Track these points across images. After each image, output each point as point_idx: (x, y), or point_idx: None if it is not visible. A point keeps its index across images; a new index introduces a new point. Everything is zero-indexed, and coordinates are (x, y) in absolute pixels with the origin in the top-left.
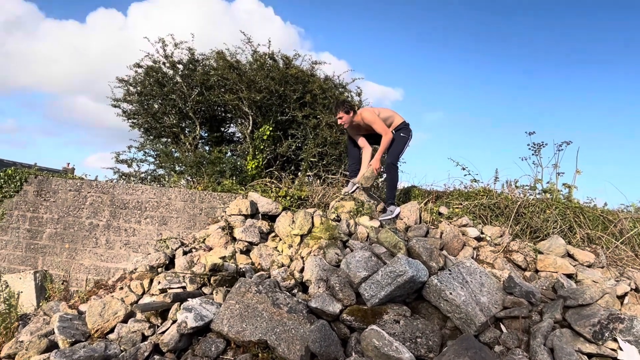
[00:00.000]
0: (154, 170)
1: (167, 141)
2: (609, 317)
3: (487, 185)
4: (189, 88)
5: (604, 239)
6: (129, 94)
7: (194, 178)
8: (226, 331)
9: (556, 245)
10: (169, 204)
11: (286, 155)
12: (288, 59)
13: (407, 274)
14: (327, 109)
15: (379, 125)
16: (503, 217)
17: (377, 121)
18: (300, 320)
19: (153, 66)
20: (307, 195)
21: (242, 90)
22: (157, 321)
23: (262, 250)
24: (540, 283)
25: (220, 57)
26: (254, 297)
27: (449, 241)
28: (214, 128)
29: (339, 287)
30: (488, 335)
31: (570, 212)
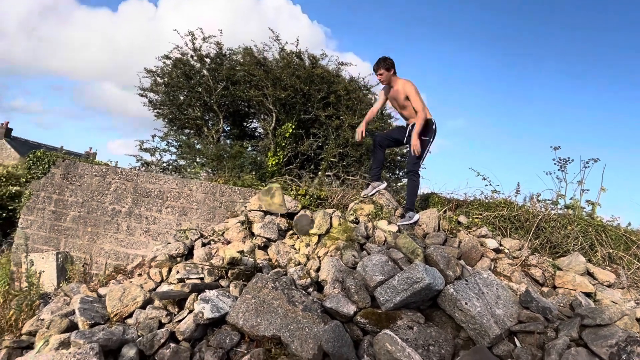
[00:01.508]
0: (175, 161)
1: (190, 133)
2: (627, 340)
3: (508, 197)
4: (215, 82)
5: (625, 259)
6: (156, 84)
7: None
8: (241, 324)
9: (576, 263)
10: (189, 195)
11: (307, 153)
12: (315, 58)
13: (424, 281)
14: (350, 110)
15: (417, 100)
16: (523, 230)
17: (417, 96)
18: (315, 319)
19: (181, 58)
20: (326, 196)
21: (267, 87)
22: (174, 309)
23: (279, 247)
24: (557, 299)
25: (247, 53)
26: (270, 293)
27: (467, 251)
28: (236, 123)
29: (355, 289)
30: (501, 348)
31: (592, 230)
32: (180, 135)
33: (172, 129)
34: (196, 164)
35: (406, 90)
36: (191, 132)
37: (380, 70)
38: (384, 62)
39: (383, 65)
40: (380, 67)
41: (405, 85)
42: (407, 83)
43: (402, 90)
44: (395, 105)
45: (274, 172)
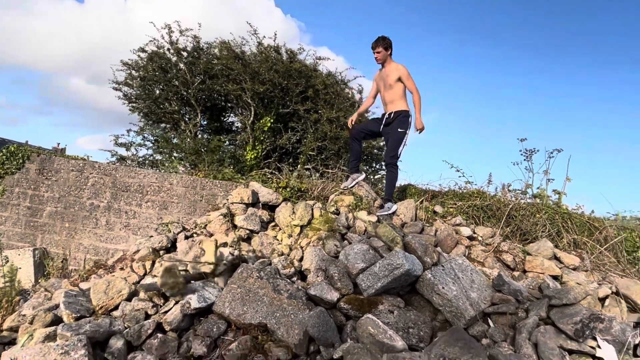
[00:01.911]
0: (151, 155)
1: (166, 127)
2: (590, 317)
3: (481, 188)
4: (192, 75)
5: (589, 245)
6: (132, 77)
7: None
8: (227, 313)
9: (544, 248)
10: (170, 189)
11: (285, 147)
12: (292, 52)
13: (403, 267)
14: (328, 104)
15: (411, 81)
16: (495, 219)
17: (411, 78)
18: (300, 306)
19: (157, 52)
20: (307, 188)
21: (245, 81)
22: (159, 301)
23: (262, 239)
24: (527, 282)
25: (225, 47)
26: (256, 282)
27: (442, 239)
28: (214, 117)
29: (338, 276)
30: (476, 328)
31: (558, 218)
32: (156, 129)
33: (148, 123)
34: (174, 159)
35: (400, 71)
36: (168, 127)
37: (378, 48)
38: (382, 41)
39: (382, 43)
40: (379, 45)
41: (399, 67)
42: (400, 65)
43: (395, 71)
44: (382, 86)
45: (253, 166)
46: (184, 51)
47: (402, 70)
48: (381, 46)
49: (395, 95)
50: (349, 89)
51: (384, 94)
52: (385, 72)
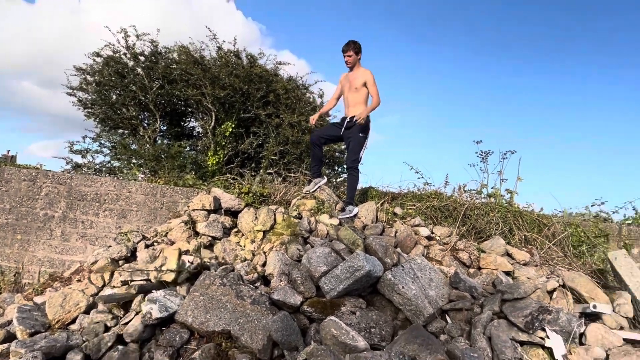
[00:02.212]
0: (109, 162)
1: (124, 133)
2: (539, 309)
3: (438, 189)
4: (150, 80)
5: (538, 241)
6: (86, 82)
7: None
8: (190, 322)
9: (497, 245)
10: (129, 197)
11: (247, 152)
12: (253, 57)
13: (364, 268)
14: (289, 109)
15: (375, 87)
16: (451, 219)
17: (375, 85)
18: (263, 311)
19: (113, 56)
20: (269, 193)
21: (205, 86)
22: (119, 312)
23: (225, 245)
24: (482, 279)
25: (183, 52)
26: (218, 289)
27: (402, 239)
28: (174, 122)
29: (301, 280)
30: (435, 325)
31: (510, 216)
32: (114, 135)
33: (105, 129)
34: (132, 165)
35: (366, 77)
36: (126, 132)
37: (349, 51)
38: (354, 45)
39: (353, 47)
40: (350, 49)
41: (367, 73)
42: (368, 71)
43: (363, 76)
44: (347, 88)
45: (215, 172)
46: (141, 56)
47: (369, 77)
48: (352, 50)
49: (358, 99)
50: (310, 94)
51: (347, 95)
52: (352, 76)
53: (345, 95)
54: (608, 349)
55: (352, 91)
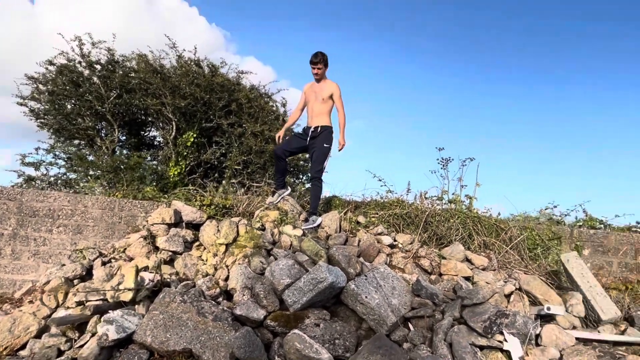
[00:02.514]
0: (64, 174)
1: (80, 144)
2: (497, 314)
3: (401, 196)
4: (107, 90)
5: (496, 245)
6: (39, 92)
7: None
8: (150, 342)
9: (457, 251)
10: (84, 212)
11: (210, 162)
12: (214, 66)
13: (327, 280)
14: (252, 118)
15: (342, 102)
16: (413, 226)
17: (341, 98)
18: (225, 327)
19: (67, 65)
20: (232, 204)
21: (165, 96)
22: (74, 335)
23: (186, 260)
24: (443, 285)
25: (142, 60)
26: (179, 307)
27: (365, 248)
28: (133, 132)
29: (264, 294)
30: (398, 333)
31: (470, 221)
32: (69, 146)
33: (60, 140)
34: (89, 178)
35: (334, 90)
36: (82, 143)
37: (320, 64)
38: (322, 57)
39: (322, 60)
40: (320, 62)
41: (334, 86)
42: (336, 84)
43: (330, 88)
44: (312, 99)
45: (177, 183)
46: (97, 64)
47: (336, 90)
48: (322, 63)
49: (323, 110)
50: (273, 102)
51: (313, 105)
52: (319, 87)
53: (311, 105)
54: (562, 349)
55: (318, 102)
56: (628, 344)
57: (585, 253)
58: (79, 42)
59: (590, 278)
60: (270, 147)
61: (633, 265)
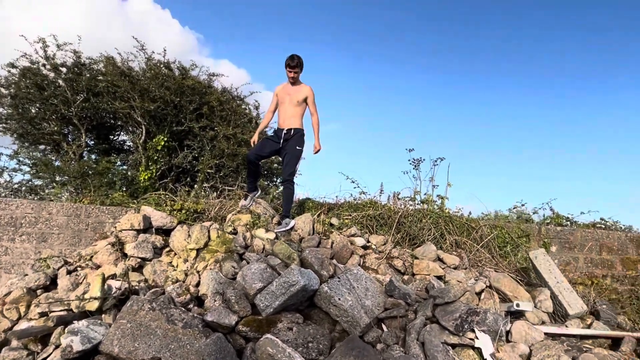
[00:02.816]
0: (29, 181)
1: (46, 149)
2: (468, 312)
3: (374, 198)
4: (74, 93)
5: (468, 244)
6: (1, 96)
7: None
8: (117, 352)
9: (429, 251)
10: (49, 219)
11: (182, 166)
12: (185, 69)
13: (299, 283)
14: (224, 121)
15: (315, 106)
16: (387, 227)
17: (315, 103)
18: (196, 334)
19: (31, 67)
20: (204, 209)
21: (134, 99)
22: (36, 348)
23: (156, 267)
24: (415, 285)
25: (109, 63)
26: (147, 315)
27: (338, 250)
28: (101, 136)
29: (235, 299)
30: (371, 335)
31: (442, 221)
32: (34, 152)
33: (24, 145)
34: (55, 184)
35: (308, 93)
36: (48, 149)
37: (297, 68)
38: (299, 60)
39: (299, 63)
40: (297, 66)
41: (309, 89)
42: (309, 87)
43: (305, 91)
44: (286, 101)
45: (147, 187)
46: (62, 67)
47: (311, 94)
48: (299, 67)
49: (297, 112)
50: (246, 105)
51: (286, 108)
52: (294, 90)
53: (284, 108)
54: (531, 344)
55: (292, 105)
56: (594, 337)
57: (553, 249)
58: (43, 44)
59: (558, 274)
60: (243, 150)
61: (598, 261)
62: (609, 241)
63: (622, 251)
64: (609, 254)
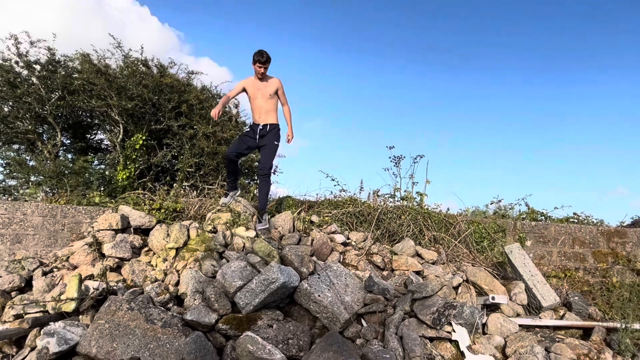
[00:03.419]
0: (2, 181)
1: (20, 148)
2: (445, 305)
3: (354, 195)
4: (48, 91)
5: (446, 239)
6: None
7: (55, 190)
8: (95, 353)
9: (407, 247)
10: (24, 220)
11: (161, 165)
12: (163, 66)
13: (279, 280)
14: (204, 119)
15: (285, 96)
16: (366, 223)
17: (284, 93)
18: (175, 333)
19: (3, 64)
20: (183, 208)
21: (111, 97)
22: (11, 350)
23: (134, 266)
24: (394, 280)
25: (85, 60)
26: (126, 315)
27: (318, 247)
28: (78, 135)
29: (215, 297)
30: (351, 330)
31: (420, 217)
32: (7, 151)
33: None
34: (30, 184)
35: (278, 85)
36: (22, 148)
37: (267, 64)
38: (268, 56)
39: (269, 59)
40: (267, 61)
41: (278, 81)
42: (278, 79)
43: (274, 84)
44: (257, 96)
45: (126, 187)
46: (36, 64)
47: (280, 85)
48: (268, 62)
49: (271, 107)
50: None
51: (259, 103)
52: (263, 84)
53: (257, 103)
54: (506, 335)
55: (264, 99)
56: (566, 328)
57: (528, 244)
58: (15, 41)
59: (532, 267)
60: (223, 148)
61: (571, 254)
62: (581, 235)
63: (593, 244)
64: (582, 247)
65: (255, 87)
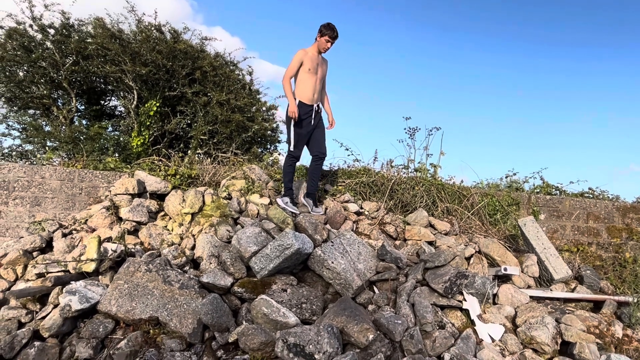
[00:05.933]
0: (19, 146)
1: (35, 113)
2: (457, 275)
3: (367, 165)
4: (62, 56)
5: (459, 211)
6: None
7: (70, 155)
8: (115, 311)
9: (420, 217)
10: (42, 184)
11: (175, 132)
12: (176, 32)
13: (293, 246)
14: (218, 87)
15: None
16: (380, 194)
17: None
18: (192, 295)
19: (17, 28)
20: (198, 174)
21: (125, 63)
22: (35, 307)
23: (151, 230)
24: (407, 250)
25: (99, 25)
26: (144, 276)
27: (332, 216)
28: (92, 100)
29: (230, 261)
30: (363, 296)
31: (434, 189)
32: (23, 116)
33: (13, 109)
34: (47, 149)
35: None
36: (37, 113)
37: (335, 40)
38: (338, 33)
39: (337, 35)
40: (337, 38)
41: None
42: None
43: (327, 64)
44: (318, 72)
45: (140, 153)
46: (50, 28)
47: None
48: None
49: (323, 86)
50: (239, 71)
51: (317, 81)
52: (323, 63)
53: (315, 80)
54: (517, 306)
55: (320, 80)
56: (577, 301)
57: (542, 217)
58: (29, 3)
59: (545, 240)
60: (237, 116)
61: (584, 229)
62: (596, 210)
63: (608, 220)
64: (596, 222)
65: (317, 62)
